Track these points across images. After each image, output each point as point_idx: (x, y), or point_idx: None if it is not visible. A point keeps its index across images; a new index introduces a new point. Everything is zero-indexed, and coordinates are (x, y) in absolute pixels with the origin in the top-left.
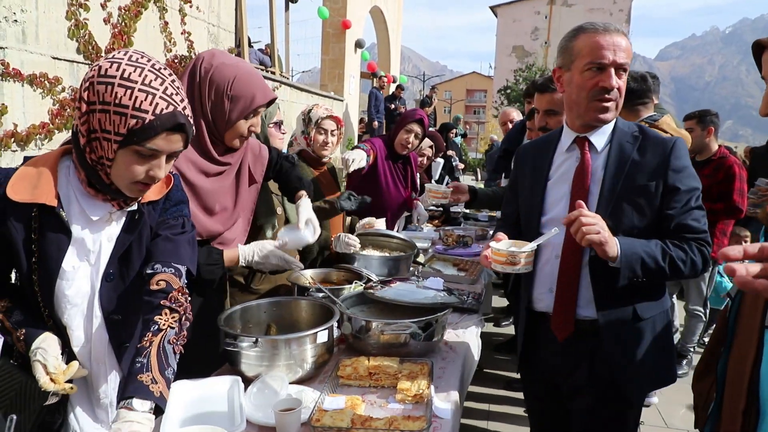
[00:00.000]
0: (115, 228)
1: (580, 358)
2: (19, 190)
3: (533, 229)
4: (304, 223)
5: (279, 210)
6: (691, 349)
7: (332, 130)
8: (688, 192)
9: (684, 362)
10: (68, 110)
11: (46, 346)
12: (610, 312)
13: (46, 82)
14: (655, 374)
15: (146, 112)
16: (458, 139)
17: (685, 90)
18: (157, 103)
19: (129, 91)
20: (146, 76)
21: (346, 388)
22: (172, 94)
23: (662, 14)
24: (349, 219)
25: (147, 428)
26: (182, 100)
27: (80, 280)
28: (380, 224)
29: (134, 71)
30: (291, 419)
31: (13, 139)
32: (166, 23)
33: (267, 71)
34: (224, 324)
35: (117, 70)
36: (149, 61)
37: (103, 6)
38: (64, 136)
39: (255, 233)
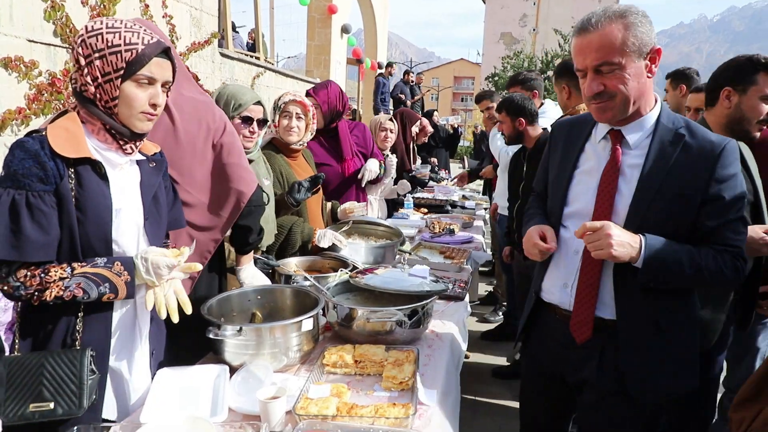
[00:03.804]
0: (133, 175)
1: (591, 353)
2: (66, 147)
3: (554, 217)
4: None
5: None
6: None
7: (297, 113)
8: (731, 203)
9: None
10: (45, 95)
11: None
12: (630, 316)
13: (21, 65)
14: (672, 381)
15: (136, 44)
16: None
17: None
18: (143, 37)
19: (117, 34)
20: (126, 24)
21: (331, 376)
22: (151, 33)
23: (650, 2)
24: (329, 204)
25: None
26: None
27: (129, 220)
28: (361, 208)
29: (116, 22)
30: (275, 407)
31: None
32: (147, 6)
33: (252, 57)
34: (208, 312)
35: (101, 24)
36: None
37: None
38: (42, 121)
39: None
